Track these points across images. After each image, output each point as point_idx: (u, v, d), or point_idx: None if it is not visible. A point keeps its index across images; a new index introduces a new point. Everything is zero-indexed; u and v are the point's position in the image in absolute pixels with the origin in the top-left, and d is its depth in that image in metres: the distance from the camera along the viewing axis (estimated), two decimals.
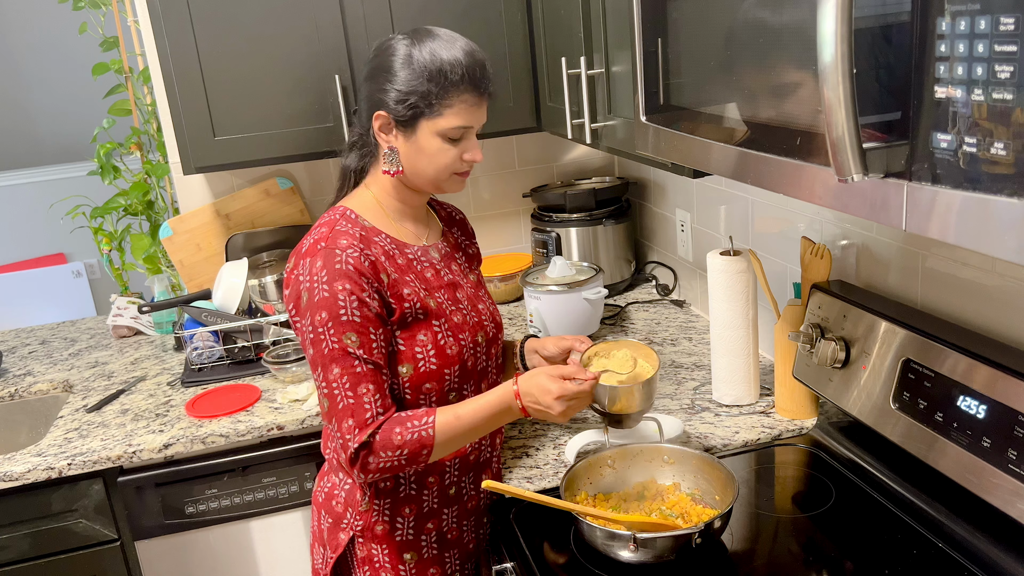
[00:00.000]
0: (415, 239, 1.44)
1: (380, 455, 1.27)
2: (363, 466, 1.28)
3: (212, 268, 2.48)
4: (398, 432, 1.27)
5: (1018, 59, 0.64)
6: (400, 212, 1.43)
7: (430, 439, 1.28)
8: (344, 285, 1.27)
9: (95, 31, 3.01)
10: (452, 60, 1.30)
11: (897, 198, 0.79)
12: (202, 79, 2.02)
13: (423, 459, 1.30)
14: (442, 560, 1.46)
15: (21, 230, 4.61)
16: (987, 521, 1.20)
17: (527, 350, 1.58)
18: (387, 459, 1.28)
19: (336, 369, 1.27)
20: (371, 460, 1.27)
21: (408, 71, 1.31)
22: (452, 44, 1.32)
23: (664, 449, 1.43)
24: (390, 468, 1.29)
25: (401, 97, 1.31)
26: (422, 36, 1.33)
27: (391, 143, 1.36)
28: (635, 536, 1.20)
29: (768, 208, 1.87)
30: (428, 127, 1.33)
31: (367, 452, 1.27)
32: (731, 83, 1.06)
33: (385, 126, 1.35)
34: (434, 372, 1.36)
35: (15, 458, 1.80)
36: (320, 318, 1.27)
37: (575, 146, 2.72)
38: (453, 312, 1.40)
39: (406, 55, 1.31)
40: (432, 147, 1.34)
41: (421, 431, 1.28)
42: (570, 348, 1.50)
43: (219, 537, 1.90)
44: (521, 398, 1.33)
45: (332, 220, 1.36)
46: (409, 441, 1.27)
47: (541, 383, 1.32)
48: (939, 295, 1.39)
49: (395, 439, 1.27)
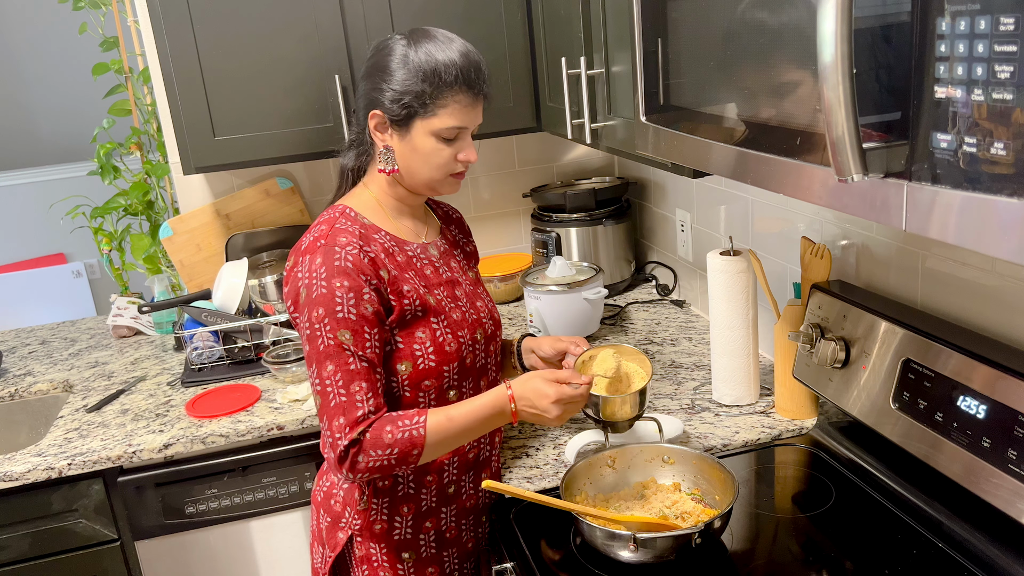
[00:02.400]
0: (414, 236, 1.44)
1: (370, 454, 1.26)
2: (352, 465, 1.27)
3: (212, 268, 2.48)
4: (389, 431, 1.27)
5: (1018, 59, 0.64)
6: (398, 210, 1.44)
7: (420, 439, 1.28)
8: (343, 282, 1.27)
9: (95, 31, 3.01)
10: (447, 61, 1.31)
11: (897, 198, 0.79)
12: (202, 79, 2.02)
13: (413, 459, 1.29)
14: (440, 559, 1.46)
15: (21, 230, 4.62)
16: (987, 521, 1.20)
17: (524, 349, 1.58)
18: (376, 458, 1.27)
19: (330, 366, 1.27)
20: (360, 459, 1.27)
21: (404, 71, 1.31)
22: (448, 45, 1.33)
23: (664, 449, 1.44)
24: (379, 468, 1.28)
25: (396, 96, 1.32)
26: (419, 36, 1.34)
27: (387, 142, 1.37)
28: (635, 536, 1.20)
29: (768, 208, 1.87)
30: (422, 127, 1.33)
31: (357, 450, 1.26)
32: (731, 83, 1.06)
33: (380, 125, 1.36)
34: (433, 369, 1.36)
35: (15, 458, 1.80)
36: (317, 314, 1.27)
37: (575, 146, 2.72)
38: (452, 309, 1.41)
39: (402, 55, 1.32)
40: (427, 147, 1.34)
41: (412, 430, 1.27)
42: (565, 350, 1.51)
43: (219, 537, 1.90)
44: (516, 401, 1.33)
45: (332, 218, 1.37)
46: (400, 440, 1.27)
47: (537, 387, 1.32)
48: (939, 295, 1.39)
49: (386, 438, 1.27)
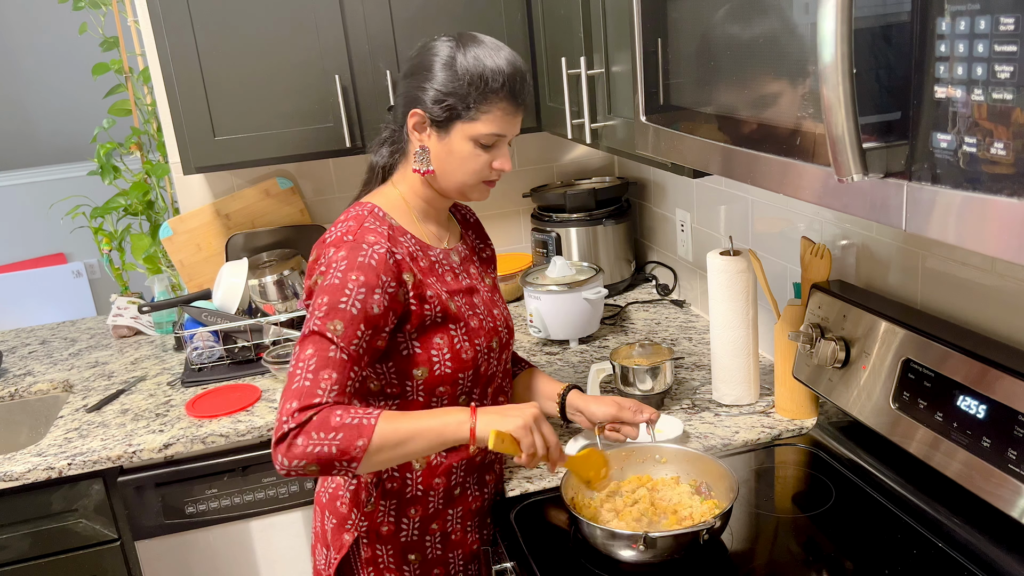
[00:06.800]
0: (437, 241, 1.43)
1: (311, 435, 1.18)
2: (289, 447, 1.18)
3: (212, 268, 2.48)
4: (339, 414, 1.19)
5: (1018, 59, 0.64)
6: (424, 213, 1.43)
7: (369, 429, 1.19)
8: (358, 276, 1.25)
9: (95, 31, 3.01)
10: (495, 67, 1.30)
11: (897, 198, 0.79)
12: (202, 79, 2.02)
13: (353, 453, 1.19)
14: (445, 560, 1.46)
15: (21, 230, 4.62)
16: (987, 521, 1.20)
17: (569, 407, 1.55)
18: (316, 442, 1.17)
19: (309, 349, 1.23)
20: (300, 440, 1.17)
21: (449, 72, 1.30)
22: (497, 52, 1.32)
23: (663, 449, 1.44)
24: (316, 455, 1.18)
25: (439, 97, 1.31)
26: (467, 40, 1.33)
27: (423, 142, 1.36)
28: (645, 535, 1.20)
29: (768, 208, 1.87)
30: (463, 130, 1.32)
31: (297, 432, 1.18)
32: (731, 83, 1.06)
33: (419, 124, 1.35)
34: (448, 376, 1.36)
35: (15, 458, 1.80)
36: (320, 300, 1.25)
37: (575, 146, 2.72)
38: (470, 317, 1.40)
39: (449, 57, 1.31)
40: (464, 151, 1.34)
41: (363, 419, 1.20)
42: (618, 418, 1.48)
43: (219, 537, 1.90)
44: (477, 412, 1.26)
45: (360, 216, 1.35)
46: (347, 426, 1.18)
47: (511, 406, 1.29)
48: (939, 295, 1.39)
49: (333, 420, 1.19)
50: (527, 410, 1.27)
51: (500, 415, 1.26)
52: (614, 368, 1.76)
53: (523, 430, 1.25)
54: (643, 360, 1.77)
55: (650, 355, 1.78)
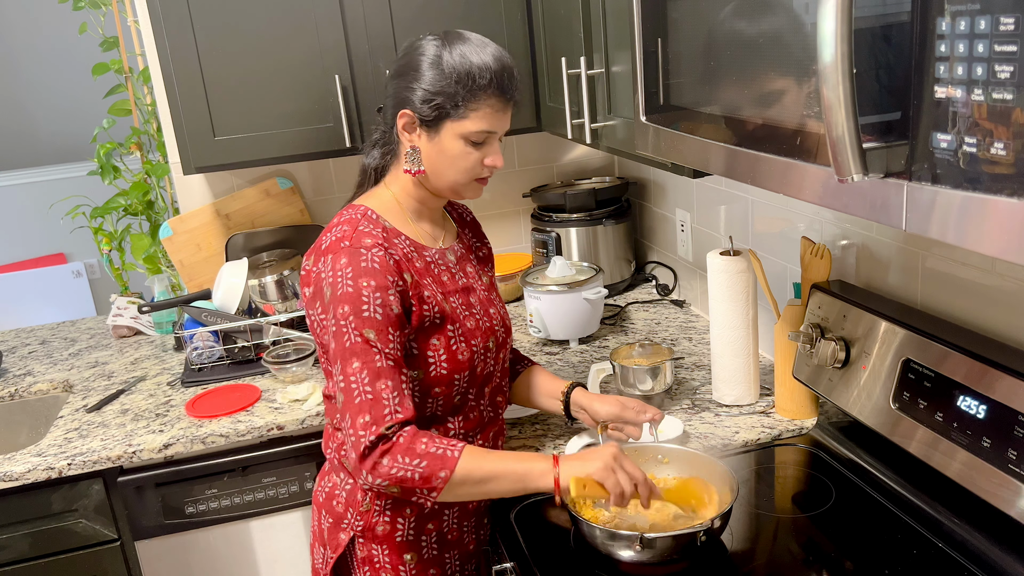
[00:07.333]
0: (432, 241, 1.43)
1: (398, 459, 1.21)
2: (374, 465, 1.21)
3: (212, 268, 2.48)
4: (424, 442, 1.23)
5: (1018, 59, 0.64)
6: (418, 213, 1.43)
7: (452, 461, 1.22)
8: (369, 282, 1.26)
9: (95, 31, 3.01)
10: (481, 64, 1.30)
11: (897, 198, 0.79)
12: (202, 79, 2.02)
13: (435, 483, 1.22)
14: (442, 561, 1.46)
15: (21, 230, 4.62)
16: (987, 521, 1.20)
17: (574, 404, 1.56)
18: (402, 466, 1.21)
19: (356, 363, 1.24)
20: (386, 461, 1.21)
21: (436, 71, 1.30)
22: (483, 48, 1.32)
23: (663, 449, 1.44)
24: (400, 479, 1.22)
25: (427, 97, 1.31)
26: (453, 38, 1.33)
27: (414, 142, 1.36)
28: (641, 536, 1.20)
29: (768, 208, 1.87)
30: (452, 129, 1.32)
31: (385, 451, 1.21)
32: (731, 83, 1.06)
33: (409, 125, 1.35)
34: (444, 376, 1.36)
35: (15, 458, 1.80)
36: (342, 311, 1.25)
37: (575, 146, 2.72)
38: (467, 317, 1.40)
39: (435, 56, 1.31)
40: (454, 149, 1.34)
41: (448, 450, 1.23)
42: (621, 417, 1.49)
43: (219, 537, 1.90)
44: (560, 460, 1.27)
45: (354, 219, 1.35)
46: (431, 455, 1.22)
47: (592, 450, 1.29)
48: (939, 295, 1.39)
49: (419, 447, 1.22)
50: (606, 451, 1.28)
51: (580, 460, 1.27)
52: (614, 368, 1.76)
53: (604, 471, 1.25)
54: (643, 360, 1.77)
55: (650, 355, 1.78)
